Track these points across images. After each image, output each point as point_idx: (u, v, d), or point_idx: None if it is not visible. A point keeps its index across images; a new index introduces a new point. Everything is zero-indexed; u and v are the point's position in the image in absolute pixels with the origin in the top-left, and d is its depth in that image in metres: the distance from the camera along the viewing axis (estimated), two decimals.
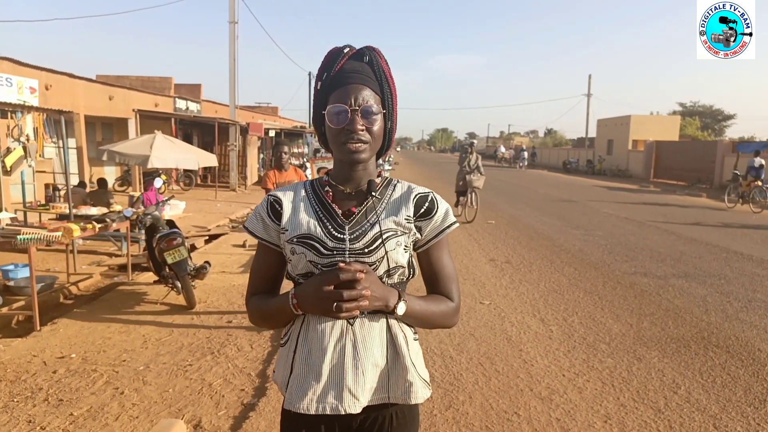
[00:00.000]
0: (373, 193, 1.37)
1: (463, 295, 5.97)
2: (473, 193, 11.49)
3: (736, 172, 17.71)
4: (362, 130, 1.29)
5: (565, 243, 9.30)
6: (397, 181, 1.46)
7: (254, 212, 1.43)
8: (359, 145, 1.30)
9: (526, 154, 41.62)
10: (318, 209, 1.37)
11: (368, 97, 1.31)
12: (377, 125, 1.32)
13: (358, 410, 1.31)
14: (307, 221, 1.35)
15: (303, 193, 1.42)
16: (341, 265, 1.24)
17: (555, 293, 6.14)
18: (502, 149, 53.12)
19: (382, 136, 1.36)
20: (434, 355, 4.25)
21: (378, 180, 1.41)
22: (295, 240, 1.33)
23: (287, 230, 1.35)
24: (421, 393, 1.38)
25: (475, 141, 13.39)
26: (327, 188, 1.40)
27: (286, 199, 1.40)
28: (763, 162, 16.53)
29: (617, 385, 3.80)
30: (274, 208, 1.39)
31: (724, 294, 6.20)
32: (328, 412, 1.30)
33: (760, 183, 15.79)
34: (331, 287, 1.22)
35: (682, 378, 3.94)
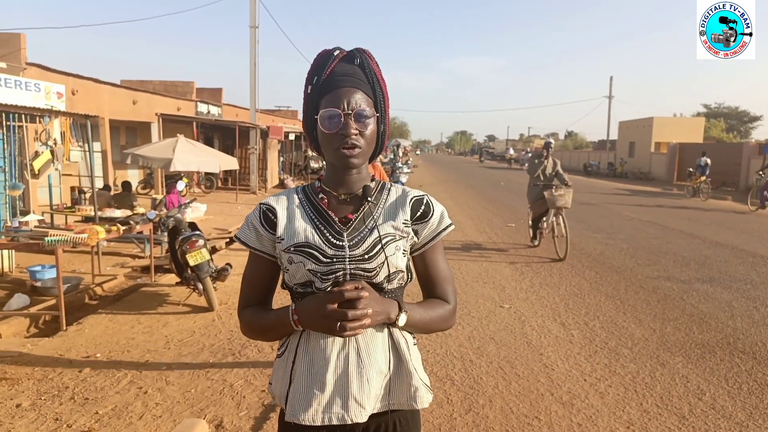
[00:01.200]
0: (369, 198, 1.35)
1: (483, 298, 5.94)
2: (559, 216, 8.12)
3: (690, 170, 21.69)
4: (356, 135, 1.27)
5: (587, 246, 9.19)
6: (391, 185, 1.45)
7: (246, 221, 1.40)
8: (353, 149, 1.28)
9: (529, 154, 45.78)
10: (314, 217, 1.35)
11: (360, 100, 1.29)
12: (370, 129, 1.30)
13: (365, 419, 1.29)
14: (304, 229, 1.32)
15: (297, 200, 1.39)
16: (336, 289, 1.23)
17: (576, 297, 6.07)
18: (511, 151, 60.76)
19: (375, 140, 1.34)
20: (454, 359, 4.24)
21: (372, 184, 1.40)
22: (292, 249, 1.30)
23: (283, 239, 1.33)
24: (425, 398, 1.37)
25: (552, 141, 9.17)
26: (321, 195, 1.38)
27: (280, 207, 1.37)
28: (708, 161, 20.82)
29: (640, 390, 3.75)
30: (267, 217, 1.36)
31: (751, 299, 6.07)
32: (334, 422, 1.28)
33: (704, 178, 20.09)
34: (335, 306, 1.19)
35: (707, 384, 3.87)
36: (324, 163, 1.44)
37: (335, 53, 1.31)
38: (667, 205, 16.98)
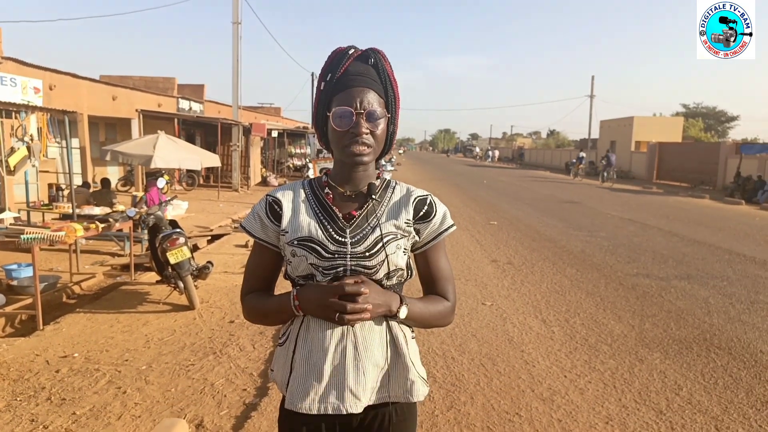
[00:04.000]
0: (373, 196, 1.38)
1: (465, 295, 5.97)
2: None
3: (573, 161, 32.99)
4: (366, 134, 1.30)
5: (568, 244, 9.29)
6: (396, 183, 1.47)
7: (252, 212, 1.43)
8: (363, 148, 1.31)
9: (490, 152, 58.40)
10: (318, 211, 1.38)
11: (373, 100, 1.31)
12: (381, 128, 1.33)
13: (360, 410, 1.34)
14: (308, 223, 1.35)
15: (302, 194, 1.42)
16: (336, 283, 1.27)
17: (557, 294, 6.13)
18: (478, 149, 71.51)
19: (384, 140, 1.37)
20: (436, 356, 4.25)
21: (377, 182, 1.42)
22: (296, 243, 1.34)
23: (287, 232, 1.36)
24: (422, 391, 1.41)
25: None
26: (327, 190, 1.41)
27: (286, 200, 1.40)
28: (584, 155, 32.85)
29: (619, 386, 3.80)
30: (273, 209, 1.39)
31: (727, 296, 6.19)
32: (330, 412, 1.33)
33: (582, 166, 31.75)
34: (335, 298, 1.24)
35: (684, 379, 3.93)
36: (307, 160, 1.46)
37: (350, 52, 1.33)
38: (647, 203, 17.24)
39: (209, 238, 9.67)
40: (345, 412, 1.32)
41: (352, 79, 1.31)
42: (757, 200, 18.48)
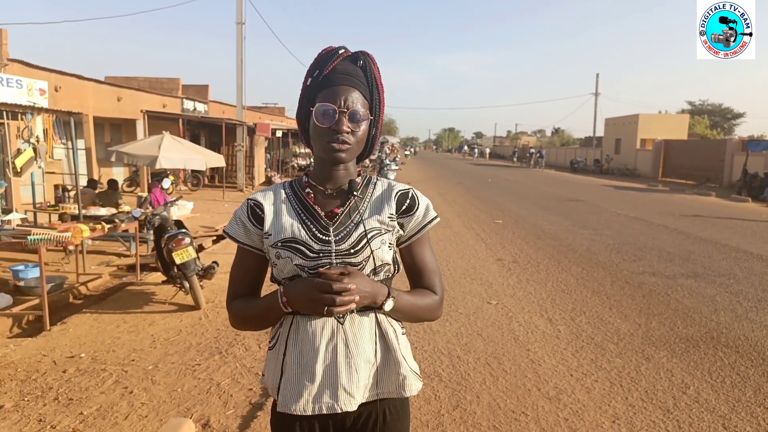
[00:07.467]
0: (355, 193, 1.37)
1: (471, 294, 5.96)
2: None
3: (527, 154, 42.08)
4: (347, 132, 1.29)
5: (573, 242, 9.26)
6: (378, 179, 1.46)
7: (234, 217, 1.42)
8: (342, 145, 1.30)
9: (476, 150, 66.69)
10: (300, 212, 1.37)
11: (357, 100, 1.31)
12: (362, 129, 1.33)
13: (354, 408, 1.33)
14: (291, 224, 1.34)
15: (283, 195, 1.41)
16: (322, 270, 1.26)
17: (563, 293, 6.12)
18: (466, 148, 79.89)
19: (365, 141, 1.37)
20: (442, 355, 4.25)
21: (358, 179, 1.42)
22: (279, 244, 1.33)
23: (271, 235, 1.35)
24: (414, 385, 1.40)
25: None
26: (308, 189, 1.40)
27: (267, 202, 1.39)
28: (533, 151, 41.27)
29: (626, 385, 3.78)
30: (255, 213, 1.38)
31: (734, 293, 6.15)
32: (324, 411, 1.31)
33: (534, 159, 39.34)
34: (324, 292, 1.23)
35: (691, 378, 3.91)
36: (311, 160, 1.45)
37: (340, 51, 1.33)
38: (653, 201, 17.16)
39: (214, 238, 9.67)
40: (339, 411, 1.31)
41: (338, 77, 1.31)
42: (764, 198, 18.38)
